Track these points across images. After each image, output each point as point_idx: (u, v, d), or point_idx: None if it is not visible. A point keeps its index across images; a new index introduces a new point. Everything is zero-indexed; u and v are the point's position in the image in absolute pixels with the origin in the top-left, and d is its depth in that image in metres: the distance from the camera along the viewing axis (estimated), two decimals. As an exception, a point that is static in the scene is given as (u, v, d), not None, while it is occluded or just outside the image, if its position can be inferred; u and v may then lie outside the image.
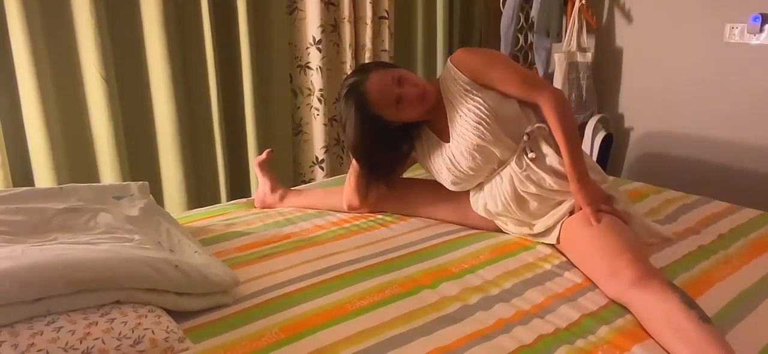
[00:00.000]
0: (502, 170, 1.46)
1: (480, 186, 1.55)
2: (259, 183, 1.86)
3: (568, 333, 1.07)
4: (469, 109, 1.44)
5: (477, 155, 1.44)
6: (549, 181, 1.40)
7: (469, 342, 1.04)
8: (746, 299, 1.20)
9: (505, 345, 1.03)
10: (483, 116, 1.41)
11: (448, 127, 1.50)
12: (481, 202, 1.54)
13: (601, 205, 1.34)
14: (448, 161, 1.50)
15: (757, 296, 1.22)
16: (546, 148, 1.42)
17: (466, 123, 1.44)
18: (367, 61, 2.58)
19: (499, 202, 1.48)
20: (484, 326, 1.09)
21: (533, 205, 1.45)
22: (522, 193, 1.44)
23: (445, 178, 1.54)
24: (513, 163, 1.44)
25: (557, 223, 1.41)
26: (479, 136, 1.42)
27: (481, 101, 1.43)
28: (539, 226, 1.45)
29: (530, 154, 1.42)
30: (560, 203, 1.42)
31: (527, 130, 1.43)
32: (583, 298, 1.20)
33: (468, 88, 1.45)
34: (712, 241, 1.50)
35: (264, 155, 1.85)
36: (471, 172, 1.49)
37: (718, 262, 1.37)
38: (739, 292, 1.23)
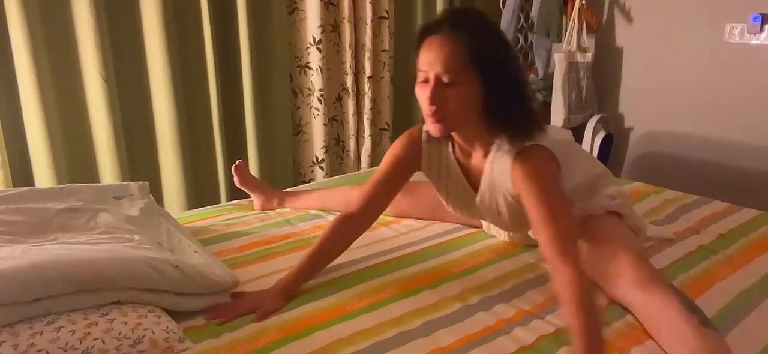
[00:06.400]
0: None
1: None
2: (252, 196, 1.79)
3: (569, 333, 1.07)
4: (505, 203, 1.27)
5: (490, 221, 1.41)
6: None
7: (470, 342, 1.04)
8: (746, 299, 1.21)
9: (506, 345, 1.03)
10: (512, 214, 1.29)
11: (477, 171, 1.28)
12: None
13: None
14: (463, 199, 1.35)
15: (757, 296, 1.22)
16: None
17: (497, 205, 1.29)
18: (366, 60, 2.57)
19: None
20: (484, 326, 1.09)
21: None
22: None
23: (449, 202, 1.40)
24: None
25: None
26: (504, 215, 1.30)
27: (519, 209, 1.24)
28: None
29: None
30: None
31: None
32: (583, 298, 1.20)
33: (511, 200, 1.25)
34: (712, 241, 1.50)
35: (237, 179, 1.75)
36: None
37: (718, 262, 1.37)
38: (739, 292, 1.24)
